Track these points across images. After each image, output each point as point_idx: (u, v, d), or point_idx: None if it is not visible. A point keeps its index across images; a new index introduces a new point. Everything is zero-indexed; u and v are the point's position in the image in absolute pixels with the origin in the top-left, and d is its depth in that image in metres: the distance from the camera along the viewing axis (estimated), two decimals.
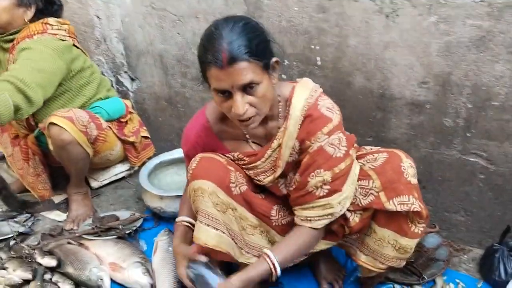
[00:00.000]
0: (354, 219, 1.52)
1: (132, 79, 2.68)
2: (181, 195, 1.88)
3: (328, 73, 1.98)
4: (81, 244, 2.06)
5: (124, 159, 2.57)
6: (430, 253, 1.90)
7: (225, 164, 1.53)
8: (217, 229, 1.50)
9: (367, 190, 1.47)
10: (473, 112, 1.74)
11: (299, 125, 1.42)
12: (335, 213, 1.45)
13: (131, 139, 2.46)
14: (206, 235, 1.49)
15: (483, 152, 1.80)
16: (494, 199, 1.87)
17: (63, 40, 2.22)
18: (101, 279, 1.83)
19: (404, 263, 1.61)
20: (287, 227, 1.58)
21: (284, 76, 2.09)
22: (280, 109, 1.47)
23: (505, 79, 1.64)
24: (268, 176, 1.54)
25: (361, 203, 1.49)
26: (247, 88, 1.27)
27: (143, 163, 2.50)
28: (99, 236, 2.09)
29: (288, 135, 1.43)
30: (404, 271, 1.81)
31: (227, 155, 1.57)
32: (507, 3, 1.53)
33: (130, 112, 2.51)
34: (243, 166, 1.56)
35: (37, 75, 2.03)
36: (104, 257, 1.96)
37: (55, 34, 2.21)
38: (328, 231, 1.58)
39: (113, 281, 1.87)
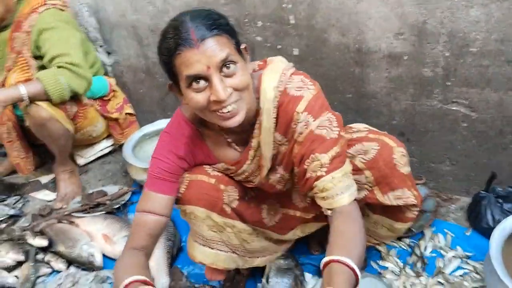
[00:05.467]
0: None
1: (108, 53, 2.62)
2: None
3: (303, 31, 1.93)
4: (71, 222, 2.07)
5: (109, 135, 2.56)
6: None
7: (215, 185, 1.43)
8: (212, 248, 1.52)
9: (361, 185, 1.40)
10: (451, 60, 1.70)
11: (274, 118, 1.26)
12: (351, 184, 1.25)
13: (114, 115, 2.45)
14: (202, 254, 1.53)
15: (464, 100, 1.77)
16: (478, 146, 1.86)
17: (63, 10, 2.24)
18: (92, 255, 1.85)
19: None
20: (280, 223, 1.59)
21: (259, 39, 2.03)
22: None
23: (481, 24, 1.58)
24: (256, 177, 1.43)
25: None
26: (224, 69, 1.10)
27: None
28: (88, 213, 2.10)
29: (264, 131, 1.28)
30: None
31: (213, 166, 1.44)
32: None
33: (114, 90, 2.48)
34: (231, 174, 1.46)
35: (79, 52, 2.15)
36: (94, 233, 1.97)
37: (54, 4, 2.21)
38: (322, 214, 1.56)
39: (105, 256, 1.89)
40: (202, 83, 1.10)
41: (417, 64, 1.77)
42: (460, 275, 1.64)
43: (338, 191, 1.21)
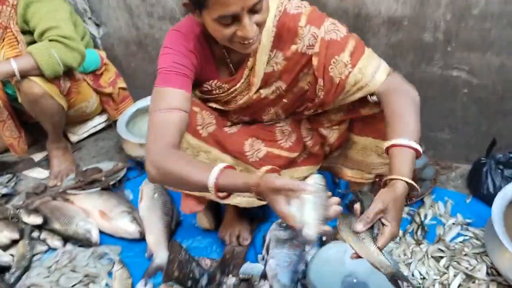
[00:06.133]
0: (333, 135, 1.50)
1: (98, 25, 2.54)
2: None
3: None
4: (66, 200, 2.03)
5: (102, 111, 2.51)
6: (417, 174, 1.89)
7: None
8: None
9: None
10: (453, 24, 1.66)
11: (272, 37, 1.30)
12: (378, 63, 1.31)
13: (108, 90, 2.38)
14: None
15: (465, 65, 1.74)
16: (478, 113, 1.84)
17: None
18: (88, 231, 1.82)
19: None
20: (264, 160, 1.53)
21: None
22: None
23: None
24: (244, 96, 1.43)
25: (337, 117, 1.46)
26: (253, 7, 1.12)
27: None
28: (83, 189, 2.07)
29: (261, 48, 1.31)
30: None
31: (205, 84, 1.42)
32: None
33: (105, 64, 2.41)
34: (222, 94, 1.43)
35: (69, 24, 2.08)
36: (90, 210, 1.94)
37: None
38: (309, 155, 1.56)
39: (102, 232, 1.86)
40: (231, 19, 1.12)
41: (418, 28, 1.73)
42: (460, 242, 1.64)
43: (369, 76, 1.28)
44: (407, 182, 1.06)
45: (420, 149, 1.13)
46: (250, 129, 1.54)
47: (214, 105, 1.49)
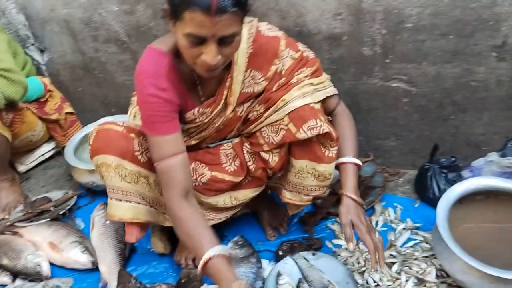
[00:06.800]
0: (274, 159, 1.52)
1: (41, 51, 2.48)
2: None
3: None
4: (14, 233, 1.96)
5: (50, 138, 2.44)
6: (367, 182, 1.94)
7: (125, 133, 1.43)
8: (130, 202, 1.47)
9: (277, 127, 1.46)
10: (389, 37, 1.73)
11: (247, 58, 1.37)
12: (328, 85, 1.51)
13: (54, 116, 2.32)
14: (121, 210, 1.47)
15: (404, 75, 1.81)
16: (420, 120, 1.91)
17: None
18: (38, 265, 1.75)
19: (328, 191, 1.63)
20: (207, 185, 1.55)
21: None
22: None
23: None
24: (221, 118, 1.46)
25: (274, 141, 1.48)
26: (224, 39, 1.15)
27: None
28: (32, 221, 1.99)
29: (237, 69, 1.37)
30: None
31: (187, 114, 1.41)
32: None
33: (49, 90, 2.35)
34: (205, 120, 1.43)
35: (9, 57, 2.01)
36: (39, 242, 1.87)
37: None
38: (253, 177, 1.58)
39: (53, 264, 1.80)
40: (199, 41, 1.14)
41: (357, 43, 1.78)
42: (411, 246, 1.69)
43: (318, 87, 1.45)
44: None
45: (360, 163, 1.50)
46: (194, 153, 1.54)
47: (192, 141, 1.50)
